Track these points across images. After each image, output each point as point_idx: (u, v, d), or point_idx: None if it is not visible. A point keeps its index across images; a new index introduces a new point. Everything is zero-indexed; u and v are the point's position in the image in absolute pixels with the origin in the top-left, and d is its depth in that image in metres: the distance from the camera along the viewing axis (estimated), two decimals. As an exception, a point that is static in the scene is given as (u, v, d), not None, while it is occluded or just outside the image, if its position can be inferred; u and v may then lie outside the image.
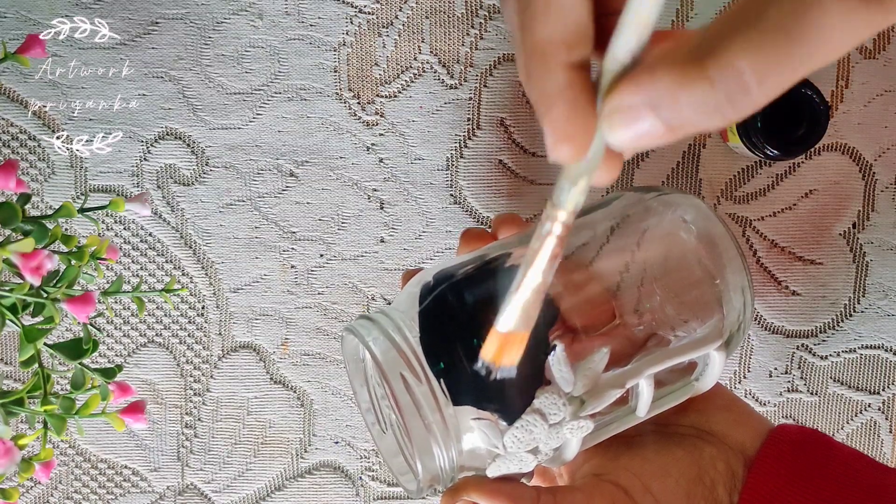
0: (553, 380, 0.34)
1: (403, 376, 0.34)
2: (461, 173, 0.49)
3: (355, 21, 0.48)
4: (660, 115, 0.22)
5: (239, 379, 0.50)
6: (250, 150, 0.49)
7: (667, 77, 0.22)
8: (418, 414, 0.34)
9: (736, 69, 0.21)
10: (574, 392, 0.34)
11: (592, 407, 0.34)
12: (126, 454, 0.51)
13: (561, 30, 0.24)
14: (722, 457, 0.41)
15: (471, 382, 0.34)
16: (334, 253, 0.50)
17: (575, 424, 0.35)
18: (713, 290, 0.38)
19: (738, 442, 0.41)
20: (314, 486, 0.51)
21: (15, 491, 0.39)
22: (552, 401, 0.34)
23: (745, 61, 0.21)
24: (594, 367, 0.34)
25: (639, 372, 0.35)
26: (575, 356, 0.34)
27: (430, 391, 0.34)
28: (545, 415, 0.34)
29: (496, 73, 0.49)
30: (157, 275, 0.50)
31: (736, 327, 0.39)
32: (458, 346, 0.34)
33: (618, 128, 0.23)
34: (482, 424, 0.34)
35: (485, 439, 0.35)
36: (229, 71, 0.48)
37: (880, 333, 0.50)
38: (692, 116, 0.22)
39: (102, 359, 0.50)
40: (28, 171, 0.49)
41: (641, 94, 0.22)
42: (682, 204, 0.39)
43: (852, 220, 0.50)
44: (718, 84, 0.21)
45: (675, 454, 0.41)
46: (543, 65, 0.24)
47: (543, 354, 0.34)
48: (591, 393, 0.34)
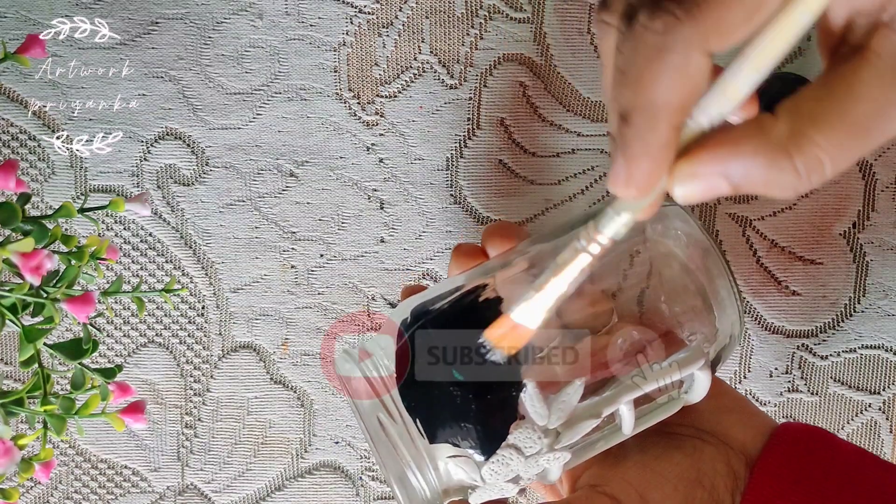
0: (527, 415, 0.34)
1: (379, 417, 0.35)
2: (461, 173, 0.49)
3: (355, 21, 0.48)
4: (732, 182, 0.25)
5: (239, 379, 0.50)
6: (250, 150, 0.49)
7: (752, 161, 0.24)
8: (395, 453, 0.35)
9: (820, 162, 0.24)
10: (549, 425, 0.34)
11: (568, 438, 0.35)
12: (126, 454, 0.51)
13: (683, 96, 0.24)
14: (722, 458, 0.40)
15: (446, 421, 0.34)
16: (334, 253, 0.50)
17: (551, 456, 0.35)
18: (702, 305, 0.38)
19: (740, 442, 0.41)
20: (314, 486, 0.51)
21: (15, 491, 0.39)
22: (527, 435, 0.34)
23: (829, 157, 0.24)
24: (568, 399, 0.34)
25: (615, 400, 0.35)
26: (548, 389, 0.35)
27: (406, 431, 0.35)
28: (520, 448, 0.34)
29: (496, 73, 0.49)
30: (157, 275, 0.50)
31: (723, 345, 0.38)
32: (434, 385, 0.35)
33: (691, 190, 0.26)
34: (459, 461, 0.35)
35: (463, 474, 0.35)
36: (229, 71, 0.48)
37: (880, 333, 0.50)
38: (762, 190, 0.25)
39: (102, 359, 0.50)
40: (28, 171, 0.49)
41: (722, 167, 0.25)
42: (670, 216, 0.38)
43: (852, 220, 0.50)
44: (802, 174, 0.24)
45: (674, 458, 0.40)
46: (652, 121, 0.25)
47: (515, 391, 0.34)
48: (566, 424, 0.35)
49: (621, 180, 0.26)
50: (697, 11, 0.23)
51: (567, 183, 0.49)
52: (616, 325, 0.37)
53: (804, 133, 0.23)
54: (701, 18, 0.23)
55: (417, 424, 0.35)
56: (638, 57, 0.24)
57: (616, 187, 0.26)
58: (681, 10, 0.23)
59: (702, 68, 0.24)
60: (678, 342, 0.37)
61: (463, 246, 0.41)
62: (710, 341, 0.38)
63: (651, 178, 0.25)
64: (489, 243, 0.41)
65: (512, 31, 0.48)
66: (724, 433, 0.41)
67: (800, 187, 0.24)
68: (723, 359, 0.38)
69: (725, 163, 0.24)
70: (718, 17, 0.23)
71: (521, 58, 0.49)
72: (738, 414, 0.42)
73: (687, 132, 0.25)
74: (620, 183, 0.26)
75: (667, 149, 0.25)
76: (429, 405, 0.35)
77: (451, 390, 0.34)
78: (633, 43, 0.25)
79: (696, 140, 0.25)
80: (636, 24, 0.24)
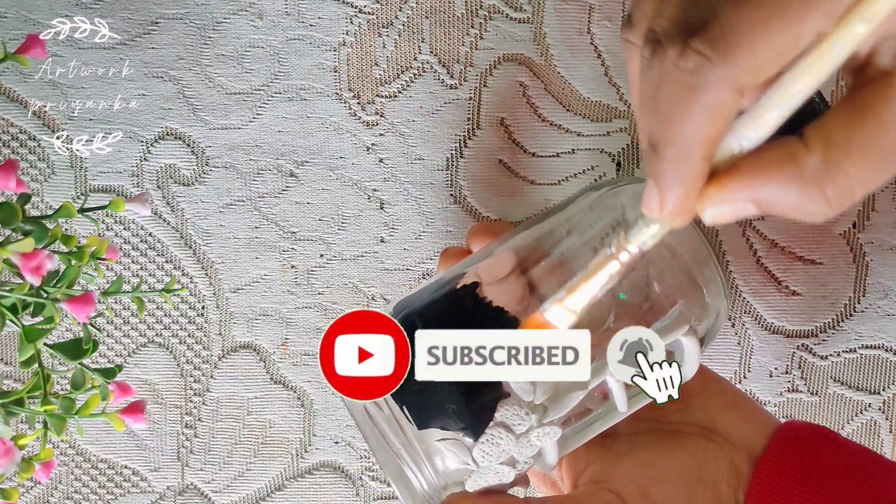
0: (512, 392, 0.35)
1: (366, 407, 0.36)
2: (461, 173, 0.49)
3: (355, 21, 0.48)
4: (761, 208, 0.25)
5: (239, 379, 0.50)
6: (250, 150, 0.49)
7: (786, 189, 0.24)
8: (385, 442, 0.36)
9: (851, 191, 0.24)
10: (535, 400, 0.35)
11: (556, 412, 0.35)
12: (126, 454, 0.51)
13: (714, 133, 0.25)
14: (725, 455, 0.40)
15: (433, 405, 0.35)
16: (334, 253, 0.50)
17: (541, 431, 0.35)
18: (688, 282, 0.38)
19: (743, 440, 0.41)
20: (314, 486, 0.51)
21: (15, 491, 0.39)
22: (514, 412, 0.35)
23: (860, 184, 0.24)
24: None
25: (599, 371, 0.36)
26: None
27: (393, 417, 0.36)
28: (509, 426, 0.35)
29: (496, 73, 0.49)
30: (157, 275, 0.50)
31: (712, 321, 0.38)
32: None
33: (720, 213, 0.26)
34: (448, 444, 0.36)
35: (455, 458, 0.36)
36: (229, 71, 0.48)
37: (880, 333, 0.50)
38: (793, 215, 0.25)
39: (102, 359, 0.50)
40: (28, 171, 0.49)
41: (752, 194, 0.25)
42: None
43: (852, 220, 0.50)
44: (833, 203, 0.24)
45: (677, 456, 0.40)
46: (683, 156, 0.25)
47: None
48: (552, 399, 0.35)
49: (655, 206, 0.27)
50: (730, 53, 0.23)
51: (567, 183, 0.49)
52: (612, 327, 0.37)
53: (838, 164, 0.24)
54: (733, 60, 0.23)
55: (404, 410, 0.36)
56: (668, 92, 0.24)
57: (649, 212, 0.27)
58: (712, 52, 0.23)
59: (733, 105, 0.24)
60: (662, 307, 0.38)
61: (449, 249, 0.42)
62: (698, 318, 0.38)
63: (683, 205, 0.26)
64: (474, 243, 0.41)
65: (512, 31, 0.48)
66: (727, 430, 0.41)
67: (829, 214, 0.24)
68: (710, 331, 0.39)
69: (757, 190, 0.25)
70: (751, 59, 0.23)
71: (521, 58, 0.49)
72: (740, 411, 0.42)
73: (719, 154, 0.26)
74: (654, 209, 0.27)
75: (699, 179, 0.25)
76: (413, 390, 0.35)
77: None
78: (662, 76, 0.24)
79: (727, 163, 0.26)
80: (666, 58, 0.24)
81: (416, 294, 0.38)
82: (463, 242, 0.49)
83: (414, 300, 0.38)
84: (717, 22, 0.23)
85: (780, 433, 0.41)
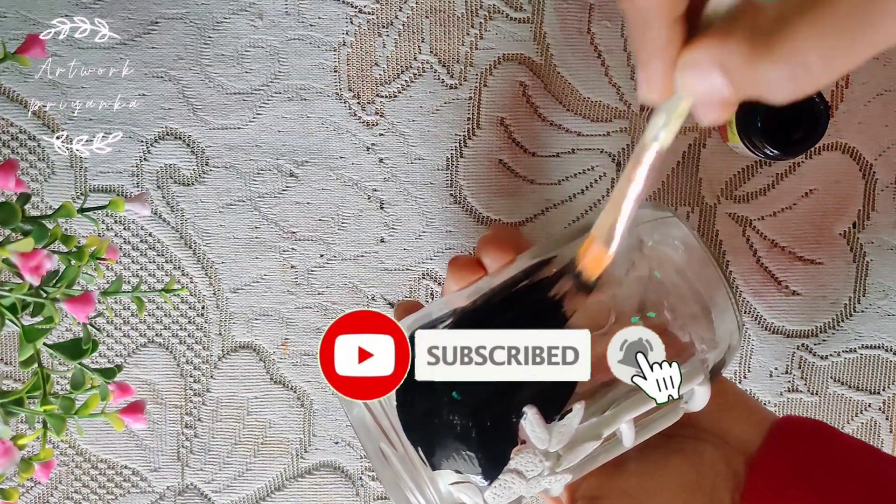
0: (528, 439, 0.35)
1: (382, 448, 0.36)
2: (461, 173, 0.49)
3: (355, 21, 0.48)
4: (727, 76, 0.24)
5: (239, 379, 0.50)
6: (250, 150, 0.49)
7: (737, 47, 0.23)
8: (397, 483, 0.35)
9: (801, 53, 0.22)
10: (550, 448, 0.35)
11: (570, 460, 0.35)
12: (126, 454, 0.51)
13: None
14: (722, 457, 0.40)
15: (448, 449, 0.35)
16: (334, 253, 0.50)
17: (553, 478, 0.35)
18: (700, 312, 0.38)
19: (740, 440, 0.40)
20: (314, 486, 0.51)
21: (15, 491, 0.39)
22: (528, 459, 0.35)
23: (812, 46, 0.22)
24: (569, 423, 0.34)
25: (616, 420, 0.35)
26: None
27: (407, 457, 0.35)
28: (522, 473, 0.35)
29: (496, 72, 0.49)
30: (156, 275, 0.50)
31: (723, 353, 0.38)
32: (434, 414, 0.35)
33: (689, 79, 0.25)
34: (462, 487, 0.35)
35: (467, 499, 0.36)
36: (229, 71, 0.48)
37: (880, 333, 0.50)
38: (755, 86, 0.24)
39: (102, 359, 0.50)
40: (28, 171, 0.49)
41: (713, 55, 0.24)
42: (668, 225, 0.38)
43: (852, 220, 0.50)
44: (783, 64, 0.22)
45: (673, 462, 0.40)
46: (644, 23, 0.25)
47: (515, 417, 0.34)
48: (567, 447, 0.35)
49: (644, 88, 0.26)
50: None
51: (567, 183, 0.49)
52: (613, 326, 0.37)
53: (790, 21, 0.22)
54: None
55: (419, 452, 0.35)
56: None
57: (642, 96, 0.27)
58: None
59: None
60: (678, 343, 0.37)
61: (460, 259, 0.40)
62: (709, 348, 0.38)
63: (664, 75, 0.26)
64: (485, 254, 0.39)
65: (512, 31, 0.48)
66: (724, 431, 0.41)
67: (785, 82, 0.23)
68: (724, 365, 0.38)
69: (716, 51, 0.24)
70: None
71: (521, 58, 0.49)
72: (738, 411, 0.42)
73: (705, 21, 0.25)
74: (644, 90, 0.27)
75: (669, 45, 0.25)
76: (430, 433, 0.35)
77: (451, 418, 0.35)
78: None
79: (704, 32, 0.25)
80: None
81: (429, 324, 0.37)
82: (463, 243, 0.50)
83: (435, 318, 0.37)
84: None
85: (774, 432, 0.40)
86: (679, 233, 0.38)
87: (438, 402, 0.35)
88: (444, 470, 0.35)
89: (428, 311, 0.39)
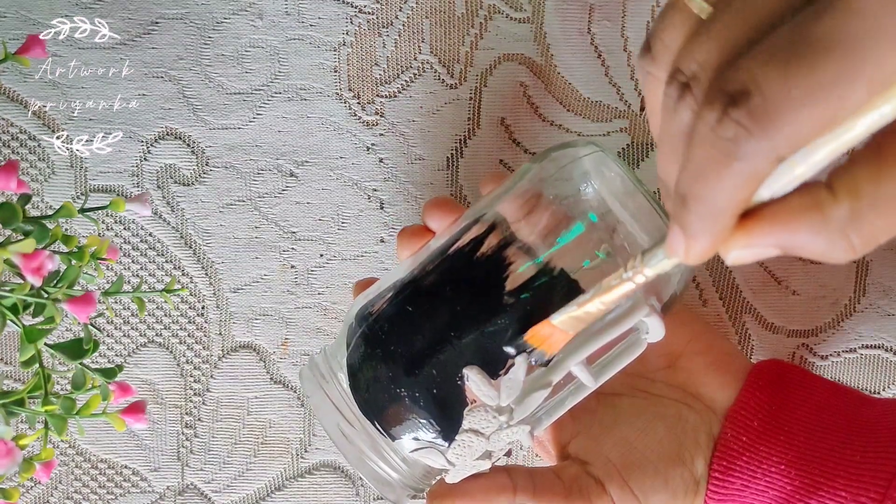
0: (477, 398, 0.35)
1: (341, 427, 0.37)
2: (461, 173, 0.49)
3: (355, 21, 0.48)
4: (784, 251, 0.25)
5: (239, 379, 0.50)
6: (250, 150, 0.49)
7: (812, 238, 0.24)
8: (362, 458, 0.37)
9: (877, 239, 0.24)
10: (501, 403, 0.35)
11: (523, 411, 0.35)
12: (126, 454, 0.51)
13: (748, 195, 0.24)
14: (705, 426, 0.42)
15: (402, 419, 0.36)
16: (334, 253, 0.50)
17: (510, 431, 0.36)
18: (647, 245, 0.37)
19: (724, 407, 0.42)
20: (314, 486, 0.51)
21: (15, 491, 0.39)
22: (481, 416, 0.36)
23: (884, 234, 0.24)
24: (514, 376, 0.35)
25: (562, 366, 0.35)
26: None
27: (367, 434, 0.37)
28: (478, 430, 0.36)
29: (496, 73, 0.49)
30: (157, 275, 0.50)
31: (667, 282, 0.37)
32: (382, 388, 0.36)
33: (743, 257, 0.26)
34: (423, 452, 0.37)
35: (432, 462, 0.37)
36: (229, 71, 0.48)
37: (880, 333, 0.50)
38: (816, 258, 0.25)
39: (103, 359, 0.50)
40: (28, 171, 0.49)
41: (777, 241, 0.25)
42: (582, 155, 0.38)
43: (852, 220, 0.50)
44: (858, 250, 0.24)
45: (657, 432, 0.42)
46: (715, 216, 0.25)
47: (459, 380, 0.36)
48: (517, 399, 0.35)
49: (680, 251, 0.26)
50: (771, 127, 0.22)
51: (567, 183, 0.49)
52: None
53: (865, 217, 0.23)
54: (775, 133, 0.22)
55: (376, 425, 0.37)
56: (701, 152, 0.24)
57: (673, 254, 0.27)
58: (754, 125, 0.22)
59: (769, 172, 0.23)
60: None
61: (407, 228, 0.42)
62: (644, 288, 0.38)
63: (708, 253, 0.26)
64: (428, 217, 0.41)
65: (512, 31, 0.48)
66: (709, 397, 0.43)
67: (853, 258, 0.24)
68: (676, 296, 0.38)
69: (782, 237, 0.25)
70: (792, 132, 0.22)
71: (521, 58, 0.49)
72: (723, 373, 0.43)
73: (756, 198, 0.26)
74: (679, 253, 0.26)
75: (726, 232, 0.25)
76: (382, 407, 0.37)
77: (399, 391, 0.36)
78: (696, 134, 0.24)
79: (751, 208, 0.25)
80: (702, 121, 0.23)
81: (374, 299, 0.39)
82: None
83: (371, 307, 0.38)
84: (760, 93, 0.22)
85: (745, 385, 0.42)
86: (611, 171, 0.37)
87: (385, 377, 0.36)
88: (402, 439, 0.37)
89: (377, 285, 0.40)
